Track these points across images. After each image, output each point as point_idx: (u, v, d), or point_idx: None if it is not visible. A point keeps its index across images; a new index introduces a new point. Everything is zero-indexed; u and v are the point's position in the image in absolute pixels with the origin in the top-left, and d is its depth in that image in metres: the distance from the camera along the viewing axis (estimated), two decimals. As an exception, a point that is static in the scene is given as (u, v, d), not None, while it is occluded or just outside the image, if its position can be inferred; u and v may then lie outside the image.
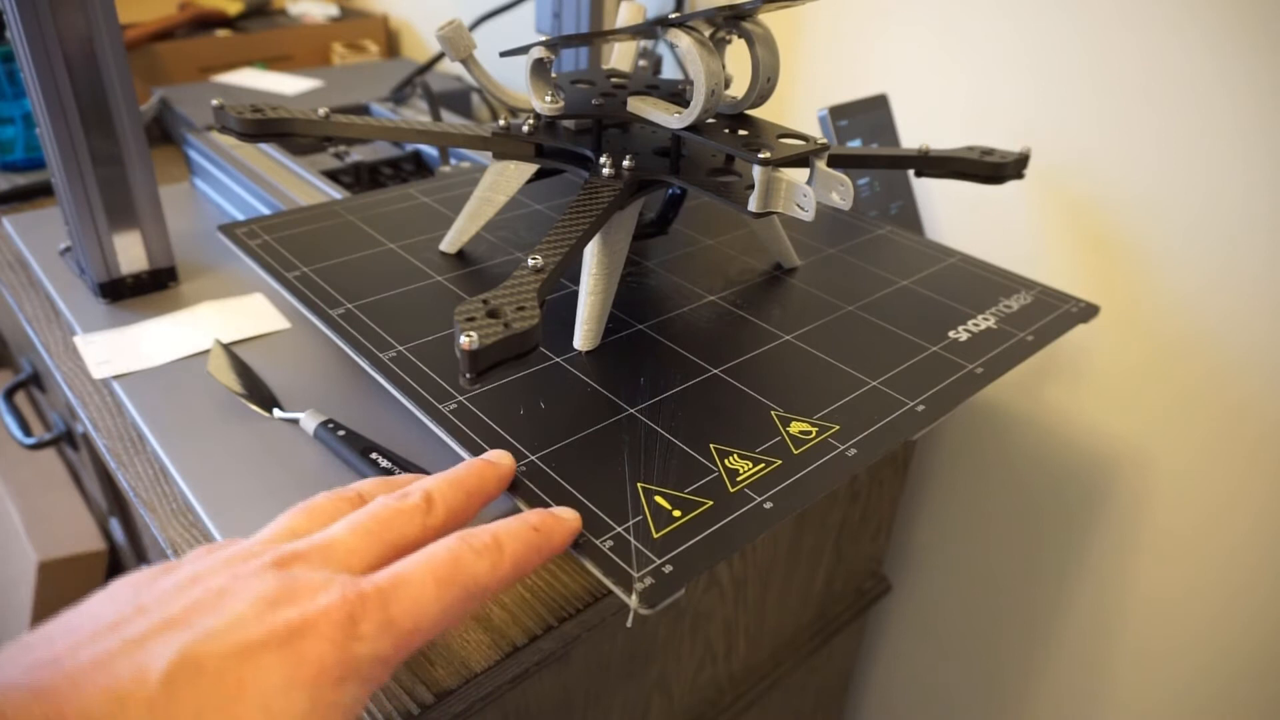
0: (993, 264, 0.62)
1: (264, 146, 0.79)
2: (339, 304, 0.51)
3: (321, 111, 0.48)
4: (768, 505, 0.38)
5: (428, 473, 0.45)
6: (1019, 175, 0.56)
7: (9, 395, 0.81)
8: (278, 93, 0.98)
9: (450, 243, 0.57)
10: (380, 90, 0.98)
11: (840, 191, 0.43)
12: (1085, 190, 0.65)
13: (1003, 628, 0.82)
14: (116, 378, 0.54)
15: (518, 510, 0.42)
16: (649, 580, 0.34)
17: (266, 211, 0.70)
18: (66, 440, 0.88)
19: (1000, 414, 0.76)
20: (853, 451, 0.42)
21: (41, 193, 0.82)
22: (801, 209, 0.42)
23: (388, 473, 0.45)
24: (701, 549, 0.36)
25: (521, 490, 0.38)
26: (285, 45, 1.17)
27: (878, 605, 0.84)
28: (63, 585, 0.98)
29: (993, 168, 0.55)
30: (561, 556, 0.46)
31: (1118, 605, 0.72)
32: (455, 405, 0.43)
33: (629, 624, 0.36)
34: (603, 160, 0.48)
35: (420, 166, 0.84)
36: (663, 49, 0.87)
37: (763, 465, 0.41)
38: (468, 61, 0.49)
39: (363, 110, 0.93)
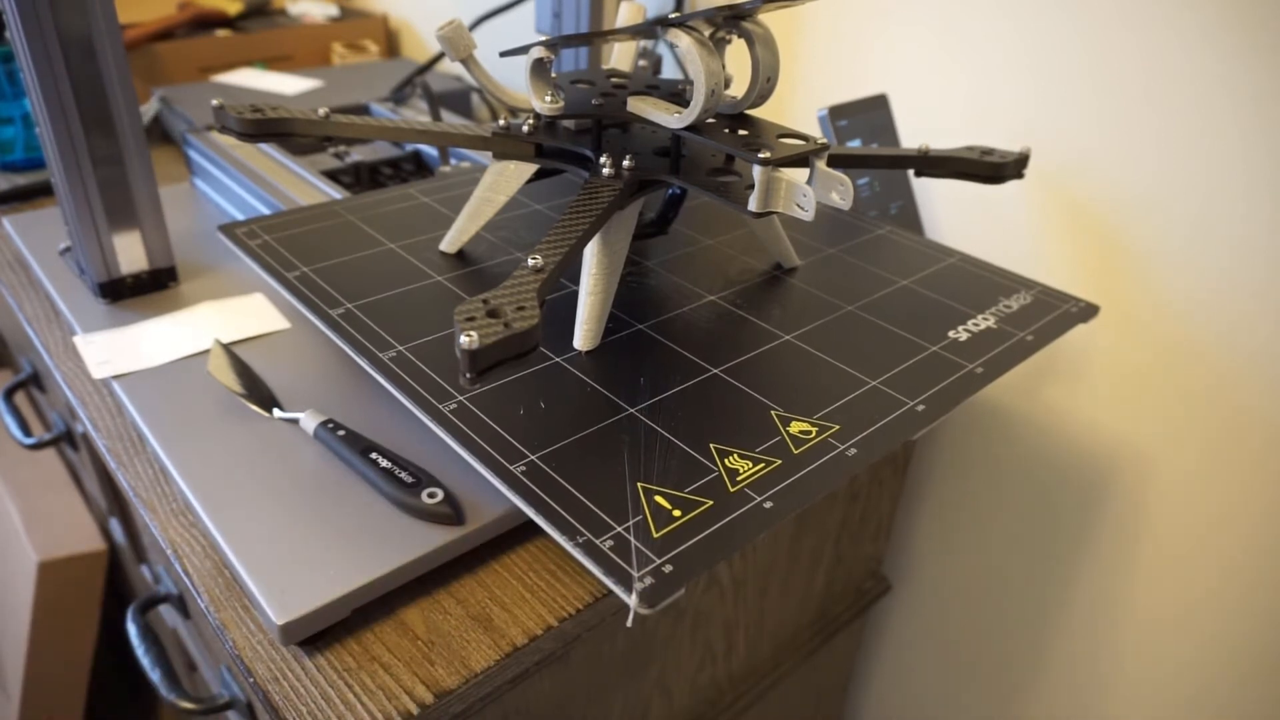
0: (993, 264, 0.62)
1: (264, 146, 0.79)
2: (339, 304, 0.51)
3: (321, 111, 0.48)
4: (768, 505, 0.38)
5: (428, 472, 0.45)
6: (1019, 175, 0.56)
7: (9, 395, 0.81)
8: (278, 93, 0.98)
9: (450, 243, 0.57)
10: (380, 90, 0.98)
11: (840, 191, 0.43)
12: (1085, 190, 0.65)
13: (1003, 627, 0.82)
14: (116, 378, 0.54)
15: (520, 509, 0.42)
16: (649, 580, 0.34)
17: (266, 211, 0.70)
18: (66, 440, 0.88)
19: (1000, 414, 0.76)
20: (853, 451, 0.42)
21: (41, 193, 0.82)
22: (801, 209, 0.42)
23: (388, 473, 0.45)
24: (701, 549, 0.36)
25: (522, 490, 0.38)
26: (285, 45, 1.17)
27: (878, 605, 0.84)
28: (63, 585, 0.98)
29: (993, 168, 0.55)
30: (562, 556, 0.46)
31: (1116, 604, 0.72)
32: (455, 405, 0.43)
33: (629, 624, 0.36)
34: (603, 160, 0.48)
35: (420, 166, 0.84)
36: (663, 49, 0.87)
37: (763, 465, 0.41)
38: (468, 61, 0.49)
39: (363, 110, 0.93)
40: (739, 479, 0.40)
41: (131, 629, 0.58)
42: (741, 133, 0.46)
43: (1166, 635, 0.70)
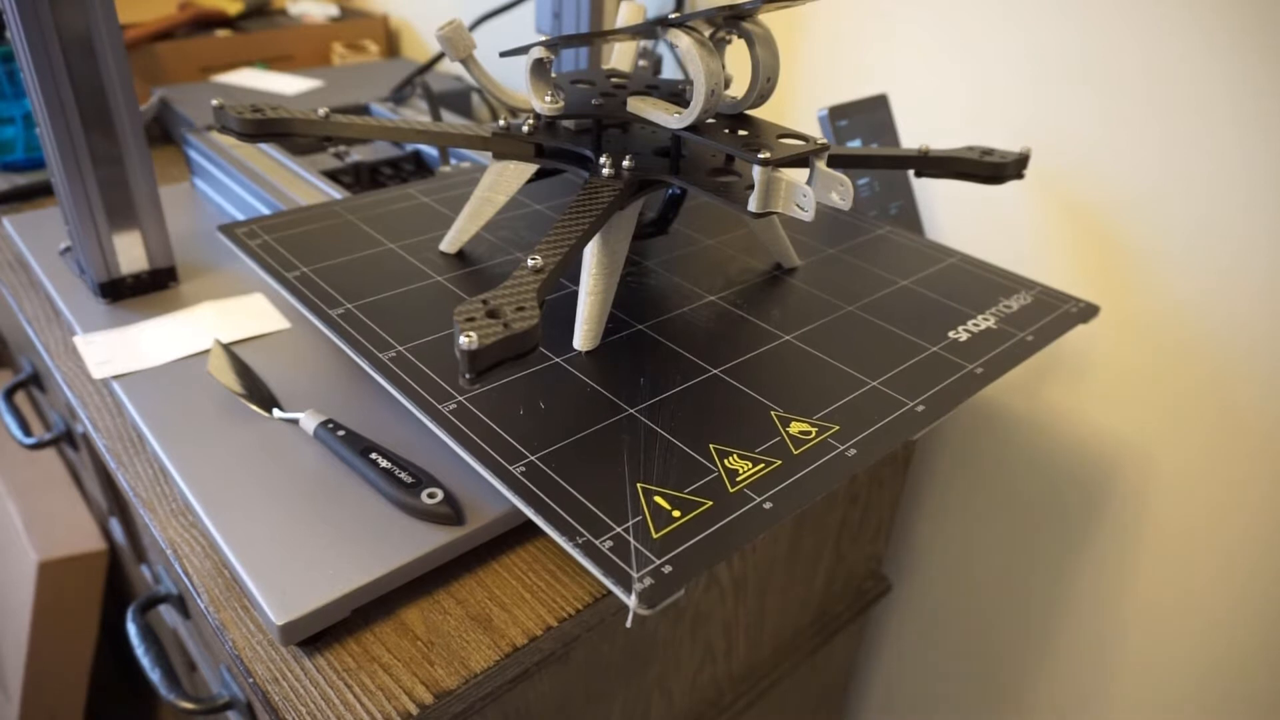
0: (993, 264, 0.62)
1: (264, 146, 0.79)
2: (339, 304, 0.51)
3: (321, 111, 0.48)
4: (767, 505, 0.38)
5: (428, 472, 0.45)
6: (1019, 175, 0.56)
7: (9, 395, 0.81)
8: (278, 93, 0.98)
9: (450, 243, 0.57)
10: (380, 90, 0.98)
11: (840, 191, 0.43)
12: (1085, 190, 0.65)
13: (1003, 627, 0.82)
14: (116, 378, 0.54)
15: (519, 510, 0.42)
16: (649, 580, 0.34)
17: (266, 211, 0.70)
18: (66, 440, 0.88)
19: (1000, 414, 0.76)
20: (853, 451, 0.42)
21: (41, 193, 0.82)
22: (801, 209, 0.42)
23: (387, 473, 0.45)
24: (701, 549, 0.36)
25: (522, 491, 0.38)
26: (285, 45, 1.17)
27: (878, 605, 0.84)
28: (63, 585, 0.98)
29: (993, 168, 0.55)
30: (562, 556, 0.46)
31: (1117, 604, 0.72)
32: (455, 405, 0.43)
33: (629, 624, 0.36)
34: (603, 160, 0.48)
35: (420, 166, 0.84)
36: (663, 49, 0.87)
37: (762, 465, 0.41)
38: (468, 61, 0.49)
39: (363, 110, 0.93)
40: (739, 479, 0.40)
41: (131, 629, 0.58)
42: (741, 133, 0.46)
43: (1166, 635, 0.70)
